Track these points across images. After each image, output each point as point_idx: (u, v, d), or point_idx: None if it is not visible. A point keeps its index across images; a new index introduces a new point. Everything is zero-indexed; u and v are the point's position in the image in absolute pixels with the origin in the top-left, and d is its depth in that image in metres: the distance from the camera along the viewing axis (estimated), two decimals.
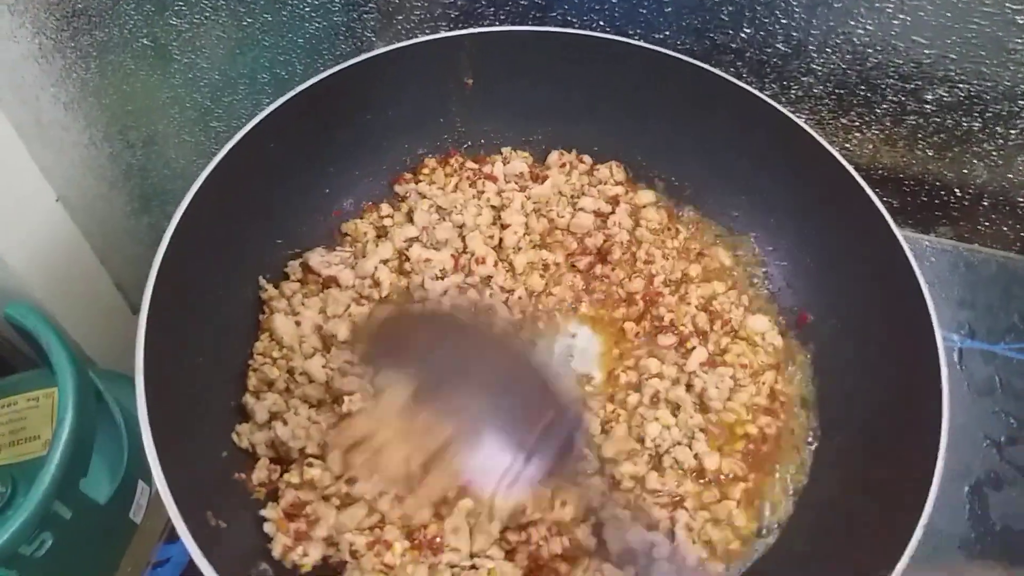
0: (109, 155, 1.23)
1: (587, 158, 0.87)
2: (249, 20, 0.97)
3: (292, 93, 0.71)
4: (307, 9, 0.93)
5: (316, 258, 0.77)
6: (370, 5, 0.90)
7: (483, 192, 0.83)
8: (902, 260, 0.65)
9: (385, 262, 0.77)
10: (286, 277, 0.75)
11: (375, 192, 0.83)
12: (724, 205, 0.83)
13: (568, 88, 0.80)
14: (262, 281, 0.74)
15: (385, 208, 0.83)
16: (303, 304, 0.74)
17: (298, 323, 0.72)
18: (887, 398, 0.65)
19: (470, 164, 0.85)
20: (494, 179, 0.83)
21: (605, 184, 0.85)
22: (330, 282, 0.76)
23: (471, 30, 0.77)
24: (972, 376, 0.85)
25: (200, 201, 0.63)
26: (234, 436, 0.65)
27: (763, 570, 0.64)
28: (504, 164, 0.84)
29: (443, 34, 0.76)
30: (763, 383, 0.73)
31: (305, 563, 0.58)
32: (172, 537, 0.75)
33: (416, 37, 0.75)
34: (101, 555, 1.05)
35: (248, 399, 0.67)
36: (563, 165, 0.85)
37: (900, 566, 0.52)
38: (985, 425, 0.82)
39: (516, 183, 0.83)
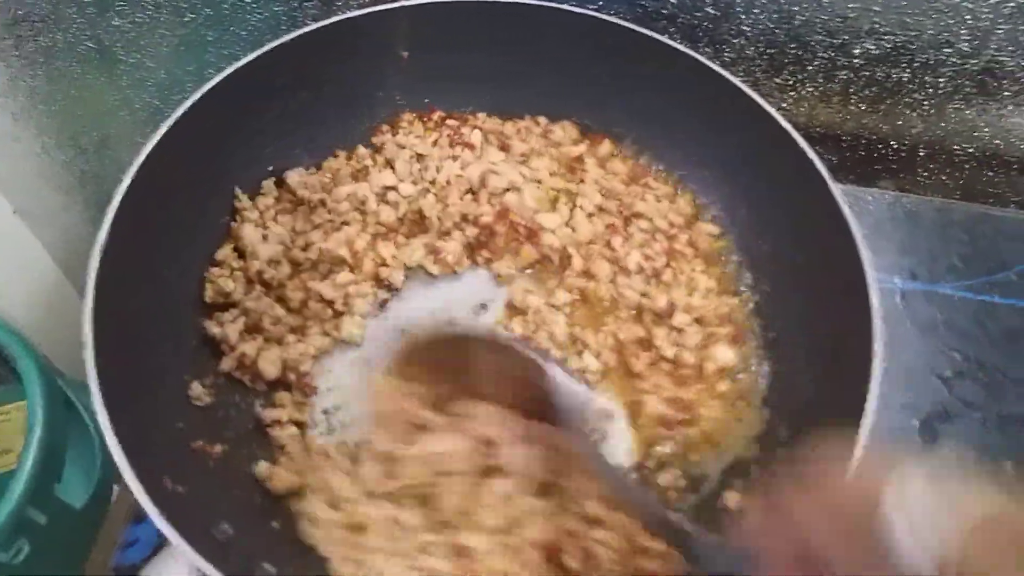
0: (63, 163, 1.23)
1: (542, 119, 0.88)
2: (191, 16, 0.98)
3: (224, 73, 0.72)
4: (247, 0, 0.94)
5: (295, 176, 0.80)
6: None
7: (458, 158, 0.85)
8: (829, 199, 0.67)
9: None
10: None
11: (314, 167, 0.84)
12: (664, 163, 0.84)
13: (504, 56, 0.82)
14: (237, 191, 0.77)
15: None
16: (275, 220, 0.77)
17: (265, 237, 0.75)
18: (825, 338, 0.68)
19: (450, 121, 0.87)
20: (472, 147, 0.84)
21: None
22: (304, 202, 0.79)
23: (404, 2, 0.78)
24: (915, 316, 0.88)
25: (139, 182, 0.64)
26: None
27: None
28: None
29: (375, 8, 0.78)
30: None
31: None
32: (139, 518, 0.75)
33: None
34: (80, 560, 1.05)
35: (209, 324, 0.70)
36: (519, 131, 0.87)
37: None
38: (932, 362, 0.85)
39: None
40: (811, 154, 0.72)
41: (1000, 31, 0.86)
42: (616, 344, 0.74)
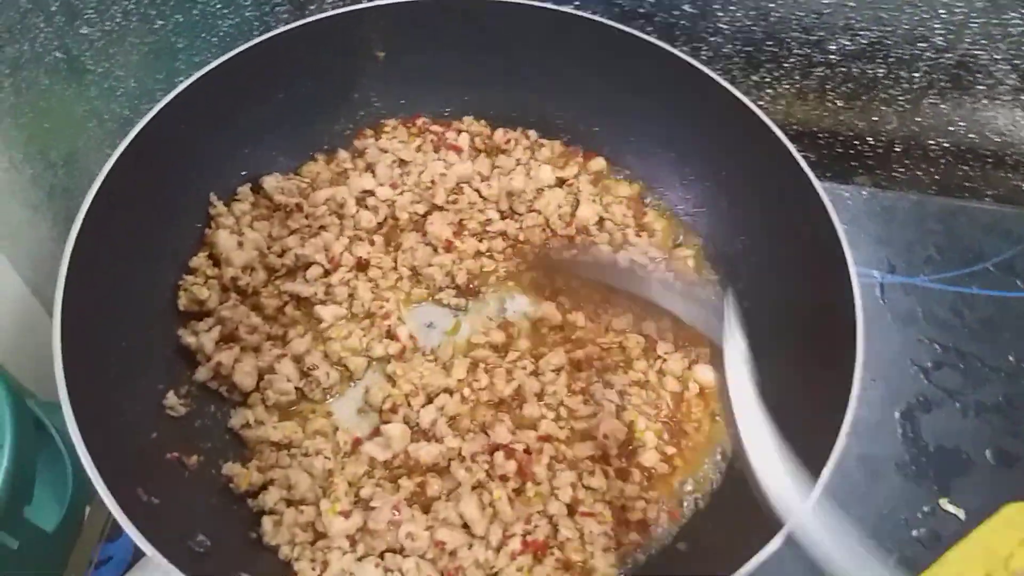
0: (31, 177, 1.20)
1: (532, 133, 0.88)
2: (160, 23, 0.96)
3: (194, 78, 0.71)
4: (218, 6, 0.93)
5: (272, 182, 0.79)
6: None
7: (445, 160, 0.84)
8: (809, 189, 0.67)
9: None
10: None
11: (288, 171, 0.82)
12: (641, 161, 0.84)
13: (479, 54, 0.81)
14: (212, 197, 0.76)
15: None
16: (251, 226, 0.76)
17: (241, 244, 0.73)
18: (805, 329, 0.68)
19: (434, 127, 0.86)
20: (458, 149, 0.84)
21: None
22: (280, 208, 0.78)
23: (377, 2, 0.77)
24: (895, 308, 0.88)
25: (107, 191, 0.64)
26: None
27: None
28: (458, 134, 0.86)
29: (348, 8, 0.77)
30: None
31: None
32: (113, 535, 0.73)
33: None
34: None
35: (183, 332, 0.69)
36: (508, 141, 0.86)
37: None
38: (911, 353, 0.85)
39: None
40: (789, 145, 0.71)
41: (974, 25, 0.87)
42: None
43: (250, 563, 0.56)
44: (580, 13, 0.79)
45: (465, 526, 0.62)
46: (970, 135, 0.99)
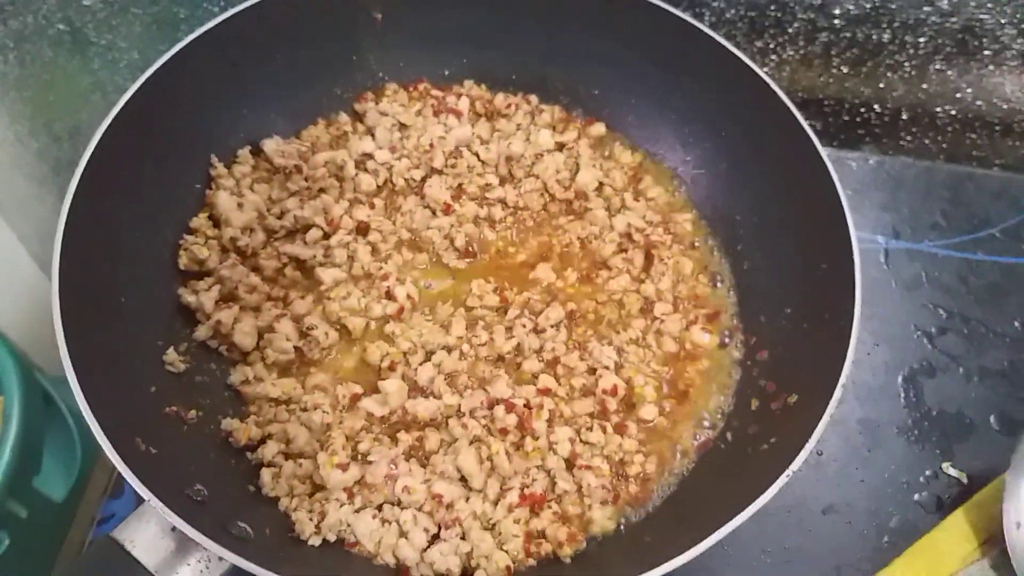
0: (36, 151, 1.21)
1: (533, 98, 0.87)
2: None
3: (190, 38, 0.71)
4: None
5: (271, 144, 0.79)
6: None
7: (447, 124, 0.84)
8: (810, 149, 0.67)
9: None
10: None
11: (288, 135, 0.82)
12: (642, 122, 0.84)
13: (478, 15, 0.81)
14: (213, 159, 0.76)
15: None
16: (251, 188, 0.76)
17: (240, 205, 0.74)
18: (806, 283, 0.67)
19: (435, 91, 0.86)
20: (458, 113, 0.84)
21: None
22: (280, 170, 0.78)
23: None
24: (899, 274, 0.87)
25: (105, 149, 0.64)
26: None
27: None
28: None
29: None
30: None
31: None
32: (116, 493, 0.74)
33: None
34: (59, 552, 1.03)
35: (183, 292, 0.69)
36: (508, 106, 0.86)
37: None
38: (916, 318, 0.84)
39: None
40: (790, 104, 0.71)
41: None
42: None
43: (248, 512, 0.56)
44: None
45: (463, 479, 0.62)
46: (977, 102, 0.98)
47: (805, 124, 0.70)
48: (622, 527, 0.62)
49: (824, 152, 0.67)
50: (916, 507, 0.74)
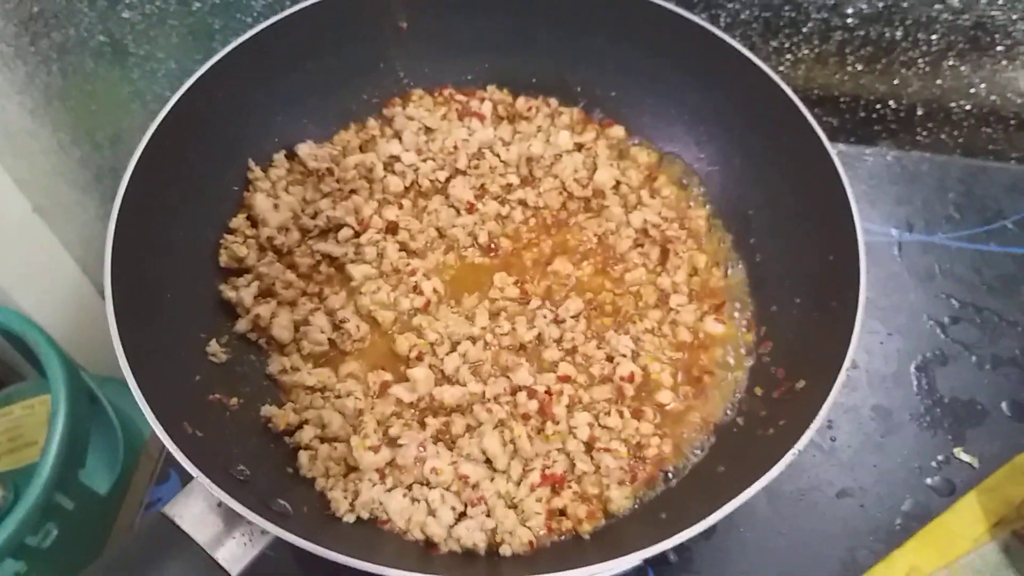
0: (79, 159, 1.26)
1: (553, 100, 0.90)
2: (198, 4, 1.01)
3: (227, 49, 0.75)
4: None
5: (305, 149, 0.83)
6: None
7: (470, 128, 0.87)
8: (818, 145, 0.69)
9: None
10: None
11: (321, 139, 0.86)
12: (658, 122, 0.87)
13: (497, 21, 0.85)
14: (250, 163, 0.80)
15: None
16: (286, 190, 0.80)
17: (276, 206, 0.78)
18: (815, 273, 0.70)
19: (459, 96, 0.89)
20: (481, 116, 0.87)
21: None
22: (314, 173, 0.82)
23: None
24: (912, 266, 0.89)
25: (150, 156, 0.69)
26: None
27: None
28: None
29: None
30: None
31: None
32: (161, 479, 0.78)
33: None
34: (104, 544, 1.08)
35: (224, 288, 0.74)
36: (530, 108, 0.89)
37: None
38: (929, 308, 0.86)
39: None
40: (798, 102, 0.74)
41: None
42: None
43: (287, 492, 0.60)
44: None
45: (487, 461, 0.65)
46: (992, 96, 0.99)
47: (813, 121, 0.72)
48: (639, 505, 0.65)
49: (831, 147, 0.70)
50: (928, 491, 0.76)
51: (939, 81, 0.99)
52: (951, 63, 0.97)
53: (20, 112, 1.15)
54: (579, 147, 0.86)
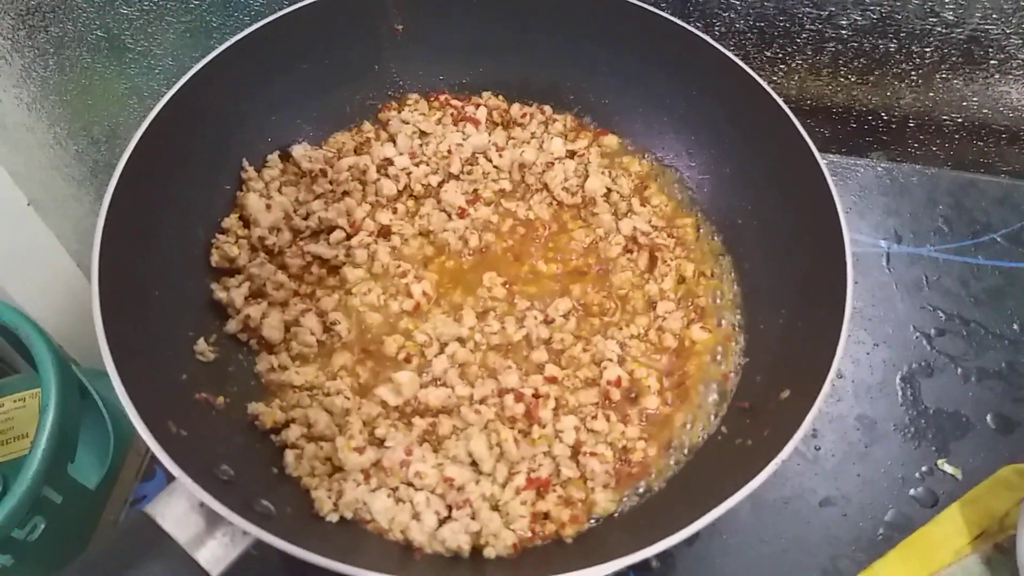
0: (75, 153, 1.26)
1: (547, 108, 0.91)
2: (196, 2, 1.01)
3: (222, 48, 0.75)
4: None
5: (299, 150, 0.83)
6: None
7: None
8: (807, 155, 0.70)
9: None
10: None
11: (315, 140, 0.86)
12: (650, 130, 0.87)
13: (492, 27, 0.85)
14: (244, 163, 0.80)
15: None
16: (279, 191, 0.80)
17: (269, 206, 0.78)
18: (803, 283, 0.71)
19: (454, 101, 0.90)
20: (476, 122, 0.87)
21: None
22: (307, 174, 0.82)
23: None
24: (900, 277, 0.90)
25: (142, 152, 0.69)
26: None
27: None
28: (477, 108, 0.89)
29: None
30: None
31: None
32: (147, 475, 0.78)
33: None
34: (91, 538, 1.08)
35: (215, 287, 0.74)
36: (524, 115, 0.89)
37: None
38: (915, 320, 0.87)
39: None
40: (788, 112, 0.74)
41: None
42: None
43: (270, 493, 0.60)
44: None
45: (473, 464, 0.65)
46: (983, 110, 1.00)
47: (803, 131, 0.73)
48: (623, 510, 0.66)
49: (821, 158, 0.70)
50: (911, 502, 0.76)
51: (931, 94, 1.00)
52: (944, 76, 0.98)
53: (17, 106, 1.16)
54: (572, 154, 0.87)
